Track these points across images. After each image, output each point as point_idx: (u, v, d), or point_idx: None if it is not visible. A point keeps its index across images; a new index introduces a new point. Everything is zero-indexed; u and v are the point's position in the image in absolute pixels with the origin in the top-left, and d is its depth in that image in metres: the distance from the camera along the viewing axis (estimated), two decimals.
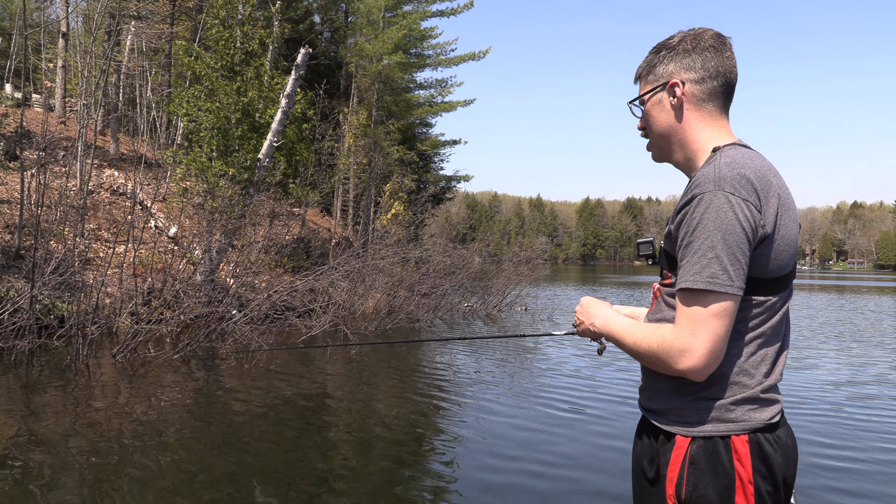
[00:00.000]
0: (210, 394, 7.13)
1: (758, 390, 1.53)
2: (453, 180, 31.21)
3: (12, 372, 7.51)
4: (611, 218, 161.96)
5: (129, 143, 22.46)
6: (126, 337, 8.89)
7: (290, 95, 12.93)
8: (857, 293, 34.68)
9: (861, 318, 18.67)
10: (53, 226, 12.47)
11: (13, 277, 10.84)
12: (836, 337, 13.77)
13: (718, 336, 1.46)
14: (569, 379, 8.40)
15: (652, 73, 1.70)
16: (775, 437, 1.54)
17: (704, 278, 1.44)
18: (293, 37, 24.58)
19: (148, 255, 12.92)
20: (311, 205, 17.69)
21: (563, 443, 5.54)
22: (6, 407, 6.08)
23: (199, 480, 4.45)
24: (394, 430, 5.95)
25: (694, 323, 1.46)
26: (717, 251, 1.44)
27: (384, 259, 14.19)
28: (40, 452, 4.82)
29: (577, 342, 11.33)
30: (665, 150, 1.73)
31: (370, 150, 22.61)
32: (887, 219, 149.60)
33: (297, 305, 12.09)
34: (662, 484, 1.57)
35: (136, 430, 5.51)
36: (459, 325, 14.28)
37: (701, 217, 1.46)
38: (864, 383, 8.55)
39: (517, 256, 18.83)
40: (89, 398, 6.58)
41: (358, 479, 4.62)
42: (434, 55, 27.39)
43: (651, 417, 1.64)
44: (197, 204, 15.30)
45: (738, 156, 1.52)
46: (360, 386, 7.94)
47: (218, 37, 13.40)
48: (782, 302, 1.58)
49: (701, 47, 1.63)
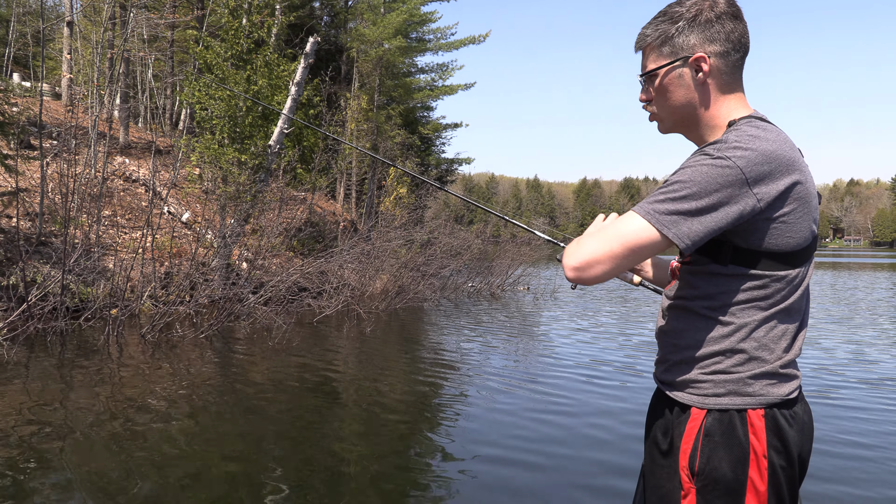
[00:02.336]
0: (233, 368, 7.60)
1: (777, 365, 1.52)
2: (455, 163, 31.60)
3: (46, 352, 7.96)
4: (608, 198, 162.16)
5: (137, 130, 22.77)
6: (154, 318, 9.34)
7: (299, 83, 13.29)
8: (854, 270, 35.19)
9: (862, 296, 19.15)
10: (73, 213, 12.86)
11: (39, 263, 11.28)
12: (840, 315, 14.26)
13: (612, 257, 1.46)
14: (573, 352, 8.86)
15: (668, 45, 1.58)
16: (792, 413, 1.53)
17: (647, 208, 1.44)
18: (293, 22, 24.80)
19: (164, 240, 13.34)
20: (321, 189, 18.09)
21: (570, 414, 5.77)
22: (45, 383, 6.52)
23: (222, 447, 4.84)
24: (401, 401, 6.35)
25: (602, 232, 1.49)
26: (682, 192, 1.41)
27: (391, 242, 14.63)
28: (74, 421, 5.26)
29: (580, 309, 11.74)
30: (680, 125, 1.66)
31: (373, 135, 22.97)
32: (884, 196, 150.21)
33: (310, 287, 12.54)
34: (675, 456, 1.57)
35: (167, 400, 5.97)
36: (465, 304, 14.76)
37: (693, 163, 1.44)
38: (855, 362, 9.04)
39: (520, 238, 19.28)
40: (121, 374, 7.02)
41: (369, 443, 5.02)
42: (434, 39, 27.66)
43: (666, 389, 1.63)
44: (207, 190, 15.70)
45: (752, 130, 1.48)
46: (373, 359, 8.41)
47: (228, 26, 13.73)
48: (802, 277, 1.55)
49: (723, 17, 1.54)
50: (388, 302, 13.33)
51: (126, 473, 4.19)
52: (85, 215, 13.11)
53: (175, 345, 8.67)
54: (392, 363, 8.34)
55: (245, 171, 12.84)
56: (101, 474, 4.17)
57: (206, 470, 4.35)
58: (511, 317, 12.97)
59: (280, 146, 13.78)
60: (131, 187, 16.01)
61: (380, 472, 4.37)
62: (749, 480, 1.47)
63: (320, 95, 16.75)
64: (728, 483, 1.48)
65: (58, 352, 8.00)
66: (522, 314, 13.40)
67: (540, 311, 13.84)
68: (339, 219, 19.80)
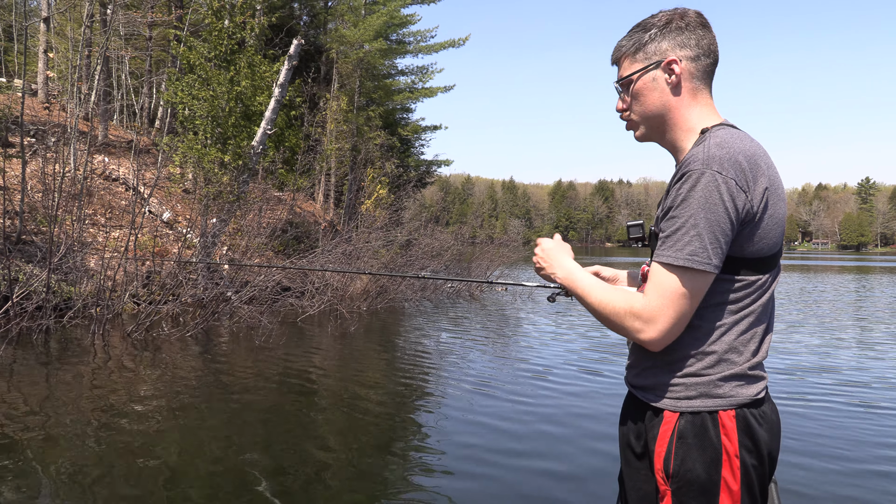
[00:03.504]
0: (217, 366, 7.73)
1: (745, 367, 1.55)
2: (433, 165, 31.83)
3: (31, 350, 8.02)
4: (583, 200, 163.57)
5: (115, 128, 22.62)
6: (139, 317, 9.42)
7: (283, 85, 13.42)
8: (821, 273, 36.09)
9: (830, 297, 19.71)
10: (53, 211, 12.84)
11: (20, 262, 11.26)
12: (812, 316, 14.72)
13: (685, 314, 1.50)
14: (550, 353, 9.13)
15: (642, 52, 1.65)
16: (761, 413, 1.57)
17: (685, 255, 1.46)
18: (273, 23, 24.85)
19: (146, 239, 13.37)
20: (302, 189, 18.21)
21: (544, 415, 5.82)
22: (30, 380, 6.62)
23: (203, 445, 4.96)
24: (382, 400, 6.52)
25: (664, 297, 1.49)
26: (699, 229, 1.45)
27: (373, 242, 14.81)
28: (56, 419, 5.38)
29: (555, 311, 12.03)
30: (654, 130, 1.71)
31: (353, 136, 23.10)
32: (850, 200, 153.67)
33: (293, 287, 12.67)
34: (650, 458, 1.61)
35: (149, 398, 6.10)
36: (444, 304, 14.99)
37: (687, 194, 1.47)
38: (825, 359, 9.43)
39: (499, 239, 19.56)
40: (104, 373, 7.10)
41: (348, 442, 5.18)
42: (414, 42, 27.85)
43: (638, 394, 1.67)
44: (188, 189, 15.72)
45: (728, 136, 1.53)
46: (356, 359, 8.60)
47: (211, 27, 13.80)
48: (771, 281, 1.60)
49: (692, 25, 1.63)
50: (370, 302, 13.51)
51: (107, 471, 4.25)
52: (66, 214, 13.09)
53: (160, 344, 8.77)
54: (373, 363, 8.51)
55: (228, 171, 12.93)
56: (80, 472, 4.22)
57: (186, 468, 4.40)
58: (489, 317, 13.24)
59: (262, 147, 13.89)
60: (111, 186, 15.98)
61: (359, 472, 4.42)
62: (722, 480, 1.51)
63: (302, 96, 16.87)
64: (702, 484, 1.51)
65: (43, 350, 8.07)
66: (500, 314, 13.67)
67: (517, 311, 14.13)
68: (320, 219, 19.91)
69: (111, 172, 16.38)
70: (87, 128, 15.97)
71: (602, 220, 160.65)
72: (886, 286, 25.23)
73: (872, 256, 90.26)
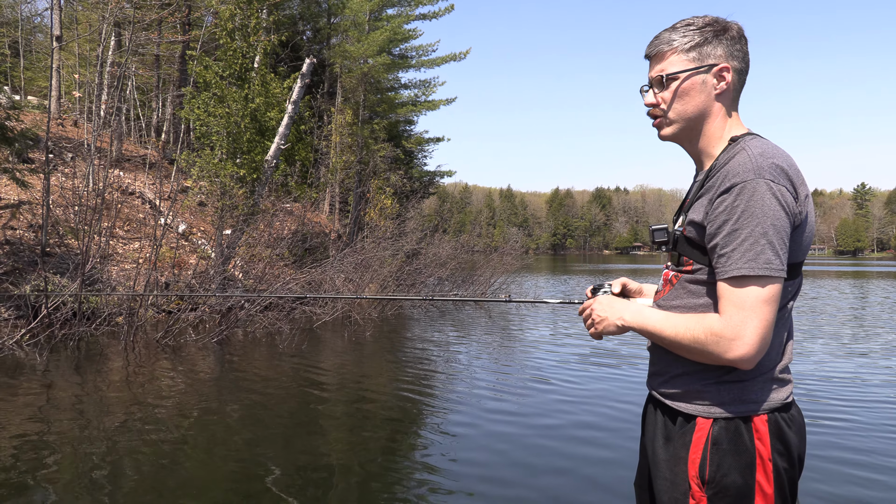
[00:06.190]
0: (239, 372, 8.20)
1: (776, 371, 1.56)
2: (436, 175, 32.43)
3: (65, 357, 8.49)
4: (580, 208, 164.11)
5: (128, 143, 23.18)
6: (168, 324, 9.93)
7: (295, 102, 13.99)
8: (819, 278, 36.55)
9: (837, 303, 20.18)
10: (76, 224, 13.37)
11: (49, 273, 11.79)
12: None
13: (769, 322, 1.46)
14: (556, 358, 9.51)
15: (696, 51, 1.61)
16: (790, 416, 1.57)
17: (761, 264, 1.44)
18: (281, 41, 25.47)
19: (164, 251, 13.90)
20: (314, 202, 18.77)
21: (549, 424, 5.83)
22: (63, 385, 7.05)
23: (225, 448, 5.13)
24: (389, 406, 6.65)
25: (744, 310, 1.45)
26: (769, 237, 1.44)
27: (383, 252, 15.35)
28: (83, 422, 5.83)
29: (558, 317, 12.51)
30: (687, 132, 1.68)
31: (359, 149, 23.68)
32: (846, 206, 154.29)
33: (307, 295, 13.17)
34: (682, 466, 1.58)
35: (179, 399, 6.55)
36: (451, 312, 15.49)
37: (746, 205, 1.45)
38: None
39: (502, 248, 20.10)
40: (133, 377, 7.55)
41: (364, 445, 5.37)
42: (417, 56, 28.49)
43: (668, 401, 1.65)
44: (203, 202, 16.27)
45: (766, 146, 1.54)
46: (368, 363, 9.08)
47: (226, 47, 14.39)
48: (797, 286, 1.61)
49: (742, 39, 1.63)
50: (381, 309, 14.03)
51: (137, 468, 4.49)
52: (86, 227, 13.61)
53: (186, 350, 9.27)
54: (387, 368, 8.92)
55: (245, 184, 13.49)
56: (114, 470, 4.44)
57: (204, 470, 4.59)
58: (494, 323, 13.74)
59: (276, 161, 14.45)
60: (128, 199, 16.52)
61: (370, 475, 4.52)
62: (757, 484, 1.52)
63: (311, 111, 17.45)
64: (738, 489, 1.52)
65: (75, 357, 8.55)
66: (504, 320, 14.17)
67: (522, 318, 14.62)
68: (329, 230, 20.46)
69: (127, 186, 16.93)
70: (106, 144, 16.51)
71: (600, 227, 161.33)
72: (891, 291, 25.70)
73: (869, 262, 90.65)
